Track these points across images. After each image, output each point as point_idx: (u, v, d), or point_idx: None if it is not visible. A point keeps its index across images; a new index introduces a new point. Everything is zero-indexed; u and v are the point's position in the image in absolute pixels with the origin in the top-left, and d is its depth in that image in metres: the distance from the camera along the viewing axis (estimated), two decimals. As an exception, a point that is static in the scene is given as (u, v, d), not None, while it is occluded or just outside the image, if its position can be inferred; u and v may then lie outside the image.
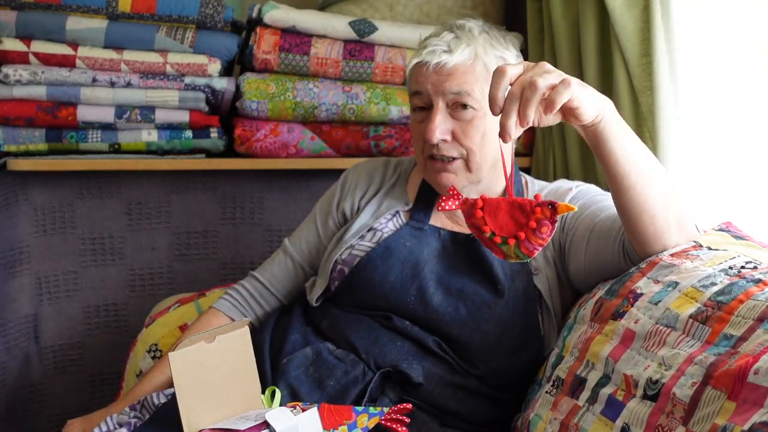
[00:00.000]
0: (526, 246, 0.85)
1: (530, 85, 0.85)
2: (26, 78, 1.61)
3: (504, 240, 0.86)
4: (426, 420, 1.11)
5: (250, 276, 1.39)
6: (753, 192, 1.28)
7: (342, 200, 1.37)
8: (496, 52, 1.23)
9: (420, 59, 1.22)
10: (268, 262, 1.40)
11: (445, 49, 1.20)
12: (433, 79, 1.19)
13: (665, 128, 1.29)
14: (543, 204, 0.85)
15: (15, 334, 1.74)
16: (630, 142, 0.97)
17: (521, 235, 0.85)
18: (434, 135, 1.19)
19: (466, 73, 1.19)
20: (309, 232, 1.39)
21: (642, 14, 1.32)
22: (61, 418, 1.80)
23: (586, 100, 0.90)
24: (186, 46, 1.65)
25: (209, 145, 1.72)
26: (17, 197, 1.73)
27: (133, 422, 1.11)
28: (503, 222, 0.86)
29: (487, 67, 1.20)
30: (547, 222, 0.84)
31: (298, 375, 1.14)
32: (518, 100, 0.85)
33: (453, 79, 1.18)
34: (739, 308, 0.84)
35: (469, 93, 1.18)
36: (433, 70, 1.20)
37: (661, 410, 0.82)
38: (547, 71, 0.87)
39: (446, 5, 1.80)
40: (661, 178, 1.00)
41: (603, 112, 0.93)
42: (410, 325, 1.17)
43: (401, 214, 1.29)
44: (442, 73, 1.19)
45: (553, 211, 0.84)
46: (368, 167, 1.40)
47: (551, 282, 1.21)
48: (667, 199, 1.00)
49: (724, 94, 1.29)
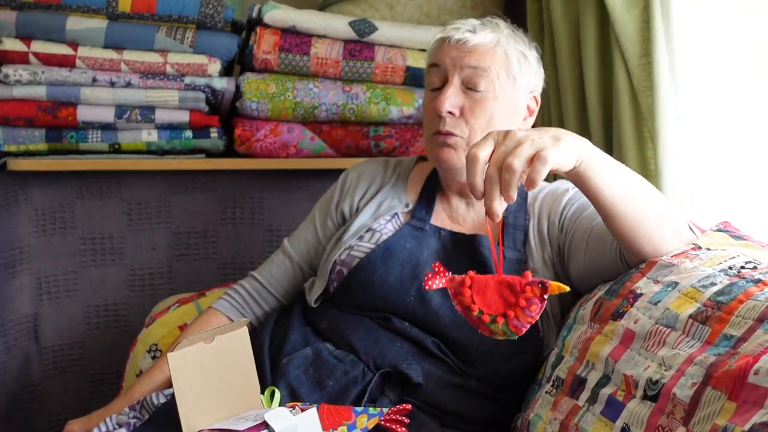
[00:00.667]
0: (514, 324, 0.84)
1: (507, 169, 0.84)
2: (26, 78, 1.61)
3: (492, 318, 0.85)
4: (426, 420, 1.11)
5: (249, 276, 1.39)
6: (752, 192, 1.28)
7: (341, 201, 1.37)
8: (518, 46, 1.25)
9: (444, 34, 1.25)
10: (267, 262, 1.40)
11: (470, 29, 1.23)
12: (453, 53, 1.22)
13: (665, 128, 1.29)
14: (533, 283, 0.84)
15: (15, 334, 1.74)
16: (614, 174, 0.97)
17: (510, 313, 0.84)
18: (444, 105, 1.20)
19: (486, 53, 1.21)
20: (308, 233, 1.39)
21: (642, 14, 1.32)
22: (61, 418, 1.80)
23: (564, 158, 0.90)
24: (186, 46, 1.65)
25: (209, 145, 1.72)
26: (17, 197, 1.73)
27: (132, 422, 1.11)
28: (491, 300, 0.85)
29: (508, 55, 1.23)
30: (537, 300, 0.83)
31: (297, 375, 1.13)
32: (498, 183, 0.85)
33: (472, 55, 1.21)
34: (739, 308, 0.84)
35: (485, 70, 1.20)
36: (455, 44, 1.22)
37: (662, 411, 0.82)
38: (520, 143, 0.86)
39: (446, 5, 1.80)
40: (650, 199, 1.00)
41: (581, 158, 0.93)
42: (409, 327, 1.17)
43: (400, 216, 1.29)
44: (463, 49, 1.21)
45: (543, 290, 0.83)
46: (368, 168, 1.40)
47: (550, 283, 1.21)
48: (658, 216, 1.01)
49: (724, 94, 1.29)
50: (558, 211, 1.23)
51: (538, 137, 0.87)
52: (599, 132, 1.47)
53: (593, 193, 0.97)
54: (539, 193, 1.28)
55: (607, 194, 0.97)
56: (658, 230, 1.01)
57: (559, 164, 0.89)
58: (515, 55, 1.23)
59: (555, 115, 1.61)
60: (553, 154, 0.86)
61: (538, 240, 1.23)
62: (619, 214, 0.99)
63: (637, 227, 1.00)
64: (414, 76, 1.71)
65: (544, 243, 1.23)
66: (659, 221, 1.01)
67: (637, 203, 0.99)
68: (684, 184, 1.30)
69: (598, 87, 1.47)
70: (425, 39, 1.70)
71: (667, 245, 1.02)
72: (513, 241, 1.22)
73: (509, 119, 1.25)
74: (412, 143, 1.76)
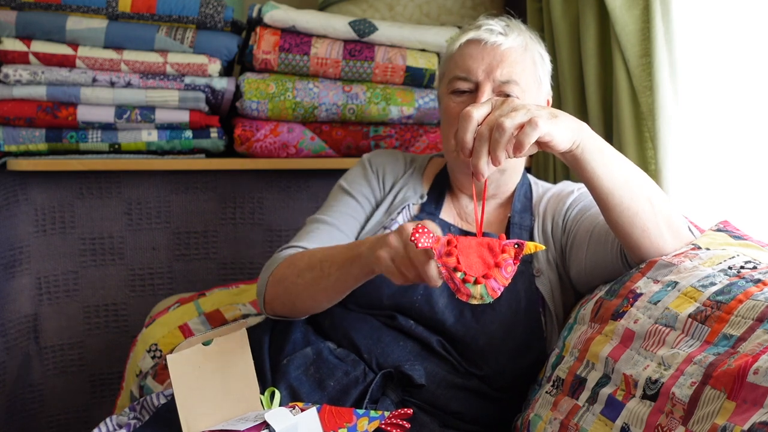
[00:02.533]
0: (492, 286, 0.87)
1: (498, 127, 0.87)
2: (26, 78, 1.61)
3: (474, 280, 0.87)
4: (426, 422, 1.11)
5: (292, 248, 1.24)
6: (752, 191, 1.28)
7: (372, 183, 1.33)
8: (539, 48, 1.26)
9: (476, 36, 1.22)
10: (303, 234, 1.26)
11: (501, 31, 1.22)
12: (487, 61, 1.20)
13: (665, 128, 1.29)
14: (509, 244, 0.88)
15: (15, 334, 1.74)
16: (611, 161, 0.98)
17: (489, 275, 0.87)
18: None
19: (517, 62, 1.20)
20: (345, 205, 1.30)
21: (642, 14, 1.32)
22: (61, 418, 1.81)
23: (558, 133, 0.91)
24: (186, 46, 1.65)
25: (209, 145, 1.72)
26: (17, 197, 1.73)
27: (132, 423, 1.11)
28: (473, 262, 0.88)
29: (534, 59, 1.23)
30: (512, 261, 0.87)
31: (298, 375, 1.13)
32: (487, 141, 0.88)
33: (505, 65, 1.19)
34: (739, 308, 0.84)
35: (517, 83, 1.20)
36: (489, 48, 1.20)
37: (661, 410, 0.82)
38: (515, 109, 0.89)
39: (446, 5, 1.80)
40: (646, 190, 1.01)
41: (579, 139, 0.94)
42: (414, 325, 1.17)
43: (411, 207, 1.29)
44: (496, 56, 1.20)
45: (519, 250, 0.87)
46: (389, 155, 1.39)
47: (553, 284, 1.21)
48: (654, 209, 1.01)
49: (724, 94, 1.29)
50: (562, 212, 1.24)
51: (535, 108, 0.89)
52: (599, 132, 1.47)
53: (590, 179, 0.98)
54: (545, 194, 1.29)
55: (605, 181, 0.97)
56: (656, 224, 1.01)
57: (551, 136, 0.90)
58: (538, 58, 1.24)
59: (555, 115, 1.61)
60: (545, 123, 0.88)
61: (543, 240, 1.23)
62: (617, 203, 0.99)
63: (634, 219, 1.00)
64: (414, 76, 1.71)
65: (548, 243, 1.23)
66: (657, 215, 1.01)
67: (635, 193, 0.99)
68: (684, 184, 1.30)
69: (598, 87, 1.47)
70: (425, 39, 1.71)
71: (664, 241, 1.02)
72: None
73: None
74: (412, 143, 1.76)
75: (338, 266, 1.07)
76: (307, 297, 1.13)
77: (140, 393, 1.47)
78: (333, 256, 1.09)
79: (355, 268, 1.05)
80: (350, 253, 1.06)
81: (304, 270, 1.12)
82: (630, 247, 1.04)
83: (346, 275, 1.07)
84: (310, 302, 1.14)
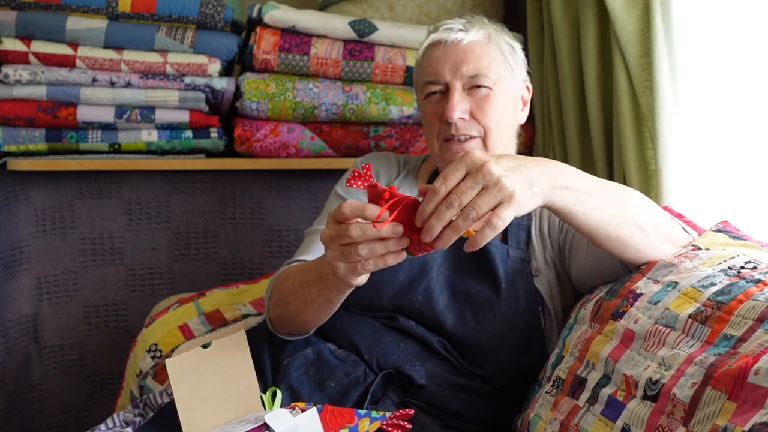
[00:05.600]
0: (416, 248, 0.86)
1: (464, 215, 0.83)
2: (26, 78, 1.61)
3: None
4: (427, 422, 1.11)
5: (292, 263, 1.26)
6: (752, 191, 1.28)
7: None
8: (506, 38, 1.27)
9: (437, 37, 1.24)
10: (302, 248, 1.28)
11: (461, 28, 1.24)
12: (451, 60, 1.22)
13: (665, 128, 1.29)
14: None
15: (15, 334, 1.74)
16: (591, 204, 0.94)
17: (414, 238, 0.86)
18: (454, 112, 1.20)
19: (482, 55, 1.22)
20: None
21: (642, 14, 1.32)
22: (61, 418, 1.81)
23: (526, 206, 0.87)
24: (186, 46, 1.65)
25: (209, 145, 1.72)
26: (17, 197, 1.73)
27: (137, 421, 1.11)
28: (400, 219, 0.85)
29: (500, 48, 1.24)
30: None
31: (298, 376, 1.13)
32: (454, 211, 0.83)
33: (469, 61, 1.21)
34: (739, 308, 0.84)
35: (486, 75, 1.21)
36: (451, 46, 1.22)
37: (662, 411, 0.82)
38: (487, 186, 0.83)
39: (446, 5, 1.80)
40: (635, 217, 0.99)
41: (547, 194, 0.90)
42: (415, 325, 1.17)
43: None
44: (458, 53, 1.21)
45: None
46: (382, 158, 1.40)
47: (552, 283, 1.21)
48: (645, 232, 1.00)
49: (724, 93, 1.29)
50: None
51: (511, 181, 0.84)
52: (599, 132, 1.47)
53: (571, 220, 0.96)
54: None
55: (585, 226, 0.96)
56: (648, 244, 1.01)
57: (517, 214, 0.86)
58: (507, 48, 1.26)
59: (555, 115, 1.61)
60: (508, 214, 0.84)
61: (540, 240, 1.23)
62: (602, 238, 0.98)
63: (624, 246, 1.00)
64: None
65: (545, 243, 1.23)
66: (648, 235, 1.00)
67: (622, 225, 0.97)
68: (684, 184, 1.30)
69: (598, 87, 1.47)
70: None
71: (660, 252, 1.03)
72: (516, 240, 1.22)
73: (513, 112, 1.27)
74: (412, 143, 1.76)
75: (317, 292, 1.06)
76: (302, 321, 1.13)
77: (140, 393, 1.47)
78: (309, 282, 1.08)
79: (329, 290, 1.04)
80: (319, 274, 1.05)
81: (290, 295, 1.12)
82: (625, 262, 1.05)
83: (327, 296, 1.05)
84: (309, 323, 1.14)
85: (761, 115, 1.26)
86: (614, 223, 0.97)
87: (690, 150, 1.30)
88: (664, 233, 1.03)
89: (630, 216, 0.98)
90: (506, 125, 1.25)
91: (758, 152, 1.27)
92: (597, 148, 1.48)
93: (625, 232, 0.98)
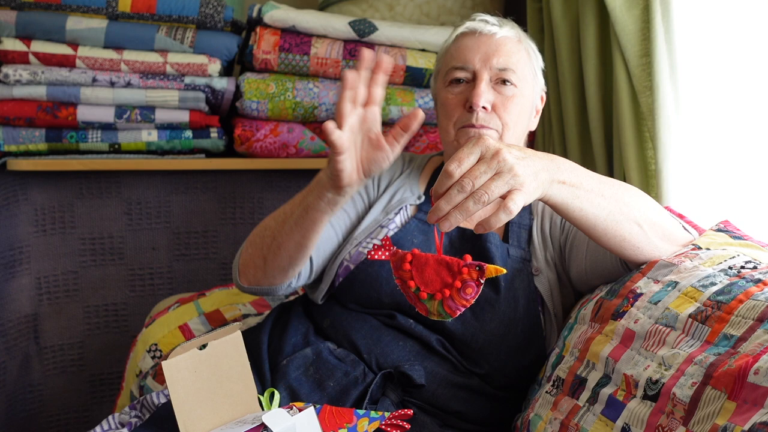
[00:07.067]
0: (449, 305, 0.86)
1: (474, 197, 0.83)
2: (26, 78, 1.61)
3: (430, 297, 0.86)
4: (427, 422, 1.11)
5: None
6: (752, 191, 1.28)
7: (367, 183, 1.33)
8: (531, 44, 1.28)
9: (471, 26, 1.25)
10: None
11: (495, 23, 1.24)
12: (483, 50, 1.22)
13: (665, 128, 1.29)
14: (470, 265, 0.85)
15: (15, 334, 1.74)
16: (587, 193, 0.95)
17: (446, 292, 0.86)
18: (481, 99, 1.20)
19: (513, 52, 1.22)
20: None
21: (642, 14, 1.32)
22: (61, 418, 1.81)
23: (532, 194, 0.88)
24: (186, 46, 1.65)
25: (209, 145, 1.72)
26: (17, 197, 1.73)
27: (133, 422, 1.11)
28: (429, 278, 0.87)
29: (528, 51, 1.25)
30: (473, 284, 0.85)
31: (297, 376, 1.13)
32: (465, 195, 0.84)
33: (501, 54, 1.21)
34: (739, 308, 0.84)
35: (513, 71, 1.21)
36: (484, 37, 1.22)
37: (662, 410, 0.82)
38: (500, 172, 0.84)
39: (446, 5, 1.80)
40: (634, 214, 0.99)
41: (546, 187, 0.91)
42: (414, 324, 1.17)
43: (408, 208, 1.29)
44: (491, 45, 1.22)
45: (480, 273, 0.84)
46: None
47: (552, 283, 1.21)
48: (644, 229, 1.00)
49: (724, 93, 1.29)
50: None
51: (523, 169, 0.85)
52: (599, 132, 1.47)
53: (568, 215, 0.96)
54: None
55: (582, 221, 0.97)
56: (647, 241, 1.01)
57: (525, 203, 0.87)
58: (532, 53, 1.27)
59: (555, 115, 1.61)
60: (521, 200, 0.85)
61: (541, 239, 1.23)
62: (600, 234, 0.99)
63: (622, 243, 1.00)
64: (414, 76, 1.71)
65: (546, 243, 1.23)
66: (647, 233, 1.01)
67: (620, 221, 0.98)
68: (684, 184, 1.30)
69: (598, 87, 1.47)
70: (425, 39, 1.70)
71: (660, 251, 1.03)
72: (517, 239, 1.23)
73: (528, 116, 1.27)
74: (413, 143, 1.76)
75: (297, 203, 1.12)
76: (276, 246, 1.14)
77: (140, 393, 1.47)
78: (292, 199, 1.15)
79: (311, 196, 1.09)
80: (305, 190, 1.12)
81: (269, 221, 1.17)
82: (625, 260, 1.05)
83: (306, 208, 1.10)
84: (281, 252, 1.15)
85: (761, 115, 1.26)
86: (612, 219, 0.97)
87: (690, 150, 1.30)
88: (663, 231, 1.03)
89: (628, 212, 0.99)
90: (521, 126, 1.24)
91: (758, 152, 1.27)
92: (597, 148, 1.48)
93: (623, 228, 0.99)
